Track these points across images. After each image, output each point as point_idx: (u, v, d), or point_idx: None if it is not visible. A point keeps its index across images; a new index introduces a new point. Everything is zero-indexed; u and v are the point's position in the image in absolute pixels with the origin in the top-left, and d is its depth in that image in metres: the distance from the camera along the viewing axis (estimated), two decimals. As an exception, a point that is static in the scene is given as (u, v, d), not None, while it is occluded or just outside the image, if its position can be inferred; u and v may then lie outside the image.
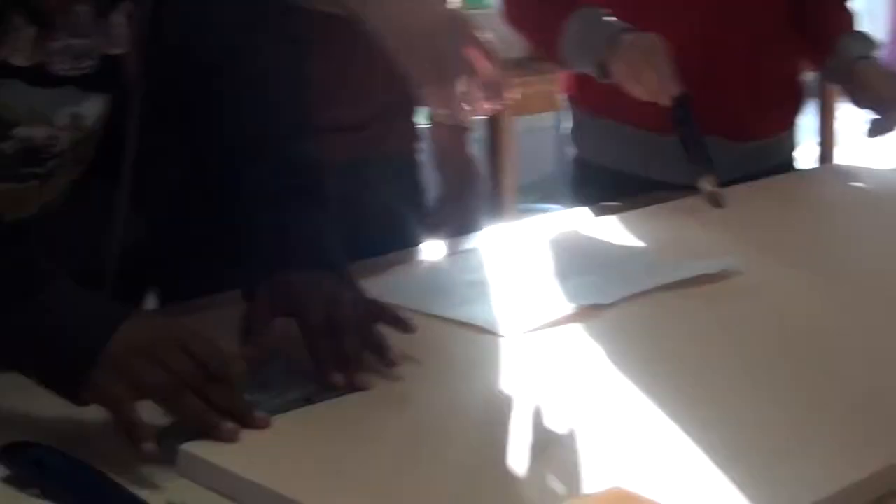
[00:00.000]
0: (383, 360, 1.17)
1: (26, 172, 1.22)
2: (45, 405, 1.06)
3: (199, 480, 0.99)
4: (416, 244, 1.66)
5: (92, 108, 1.21)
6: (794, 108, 2.18)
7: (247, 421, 1.05)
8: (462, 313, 1.36)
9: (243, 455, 1.01)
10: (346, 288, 1.20)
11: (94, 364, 1.03)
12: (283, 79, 1.31)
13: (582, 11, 1.93)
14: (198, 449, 1.01)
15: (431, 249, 1.66)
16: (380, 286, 1.35)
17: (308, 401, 1.11)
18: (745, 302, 1.43)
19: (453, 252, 1.64)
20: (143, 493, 0.96)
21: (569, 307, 1.37)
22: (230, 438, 1.03)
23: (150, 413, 1.04)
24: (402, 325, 1.21)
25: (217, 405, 1.04)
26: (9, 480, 0.99)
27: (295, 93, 1.32)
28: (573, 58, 1.96)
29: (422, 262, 1.61)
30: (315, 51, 1.39)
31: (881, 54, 2.20)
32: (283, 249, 1.22)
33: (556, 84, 2.21)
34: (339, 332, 1.15)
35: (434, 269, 1.58)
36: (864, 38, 2.11)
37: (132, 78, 1.21)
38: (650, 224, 1.76)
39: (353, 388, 1.13)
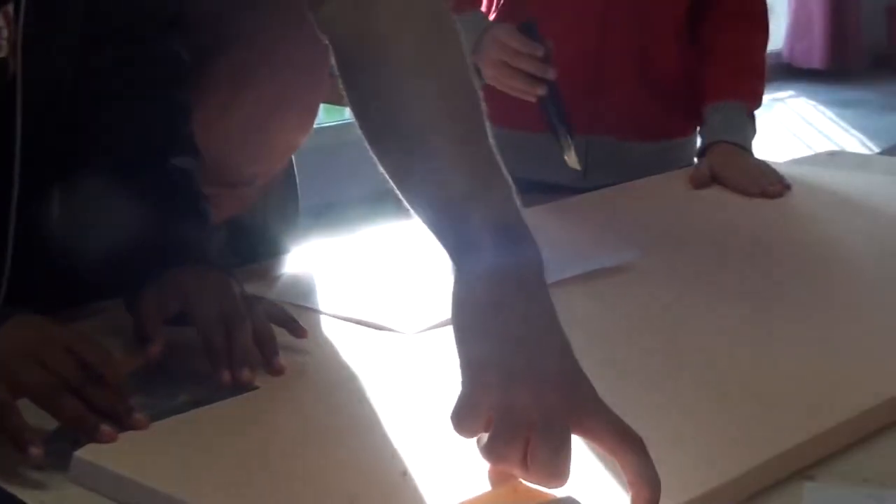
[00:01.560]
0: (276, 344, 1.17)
1: None
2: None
3: (90, 486, 0.98)
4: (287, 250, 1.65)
5: None
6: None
7: (125, 422, 1.03)
8: (357, 311, 1.36)
9: (134, 459, 0.99)
10: (234, 283, 1.20)
11: None
12: (159, 94, 1.31)
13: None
14: (90, 454, 0.99)
15: (313, 252, 1.64)
16: (269, 288, 1.36)
17: (197, 403, 1.10)
18: (639, 293, 1.44)
19: (338, 253, 1.62)
20: (31, 500, 0.94)
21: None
22: (108, 439, 1.01)
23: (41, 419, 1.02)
24: (292, 327, 1.22)
25: (97, 407, 1.02)
26: None
27: (172, 107, 1.32)
28: None
29: (306, 264, 1.58)
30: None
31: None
32: (166, 252, 1.21)
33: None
34: (230, 325, 1.14)
35: (323, 269, 1.55)
36: (736, 113, 2.05)
37: (14, 79, 1.18)
38: (548, 223, 1.75)
39: (242, 386, 1.12)
